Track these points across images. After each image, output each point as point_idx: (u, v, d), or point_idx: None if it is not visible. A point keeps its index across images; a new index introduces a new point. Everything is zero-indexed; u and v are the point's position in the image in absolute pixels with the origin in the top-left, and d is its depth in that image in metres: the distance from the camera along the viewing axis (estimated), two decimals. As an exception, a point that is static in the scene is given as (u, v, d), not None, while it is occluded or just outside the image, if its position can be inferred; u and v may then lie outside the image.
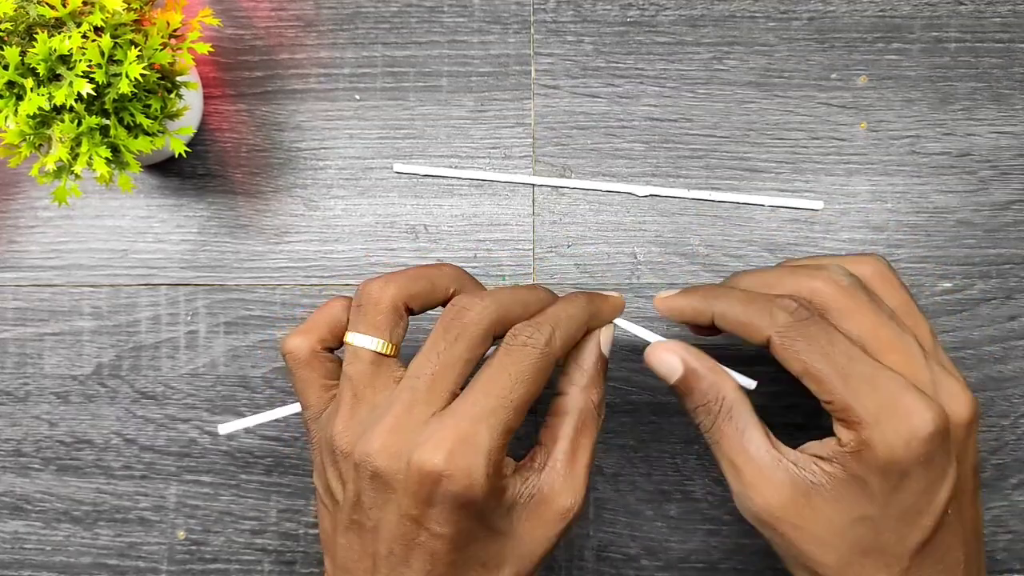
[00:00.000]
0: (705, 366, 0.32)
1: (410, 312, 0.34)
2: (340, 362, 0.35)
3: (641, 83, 0.45)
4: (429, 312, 0.35)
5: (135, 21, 0.37)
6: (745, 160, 0.45)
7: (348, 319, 0.34)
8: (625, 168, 0.45)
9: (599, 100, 0.45)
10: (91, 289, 0.46)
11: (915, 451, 0.29)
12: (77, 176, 0.37)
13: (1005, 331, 0.44)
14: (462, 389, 0.31)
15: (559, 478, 0.32)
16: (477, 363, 0.32)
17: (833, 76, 0.45)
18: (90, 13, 0.35)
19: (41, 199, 0.46)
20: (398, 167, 0.45)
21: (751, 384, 0.33)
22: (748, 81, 0.45)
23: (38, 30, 0.35)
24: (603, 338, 0.34)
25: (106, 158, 0.36)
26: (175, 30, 0.38)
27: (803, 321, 0.30)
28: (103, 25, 0.35)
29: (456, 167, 0.45)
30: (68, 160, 0.36)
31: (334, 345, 0.35)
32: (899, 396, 0.29)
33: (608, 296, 0.35)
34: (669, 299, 0.34)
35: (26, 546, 0.46)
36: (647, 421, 0.44)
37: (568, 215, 0.45)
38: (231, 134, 0.46)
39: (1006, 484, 0.44)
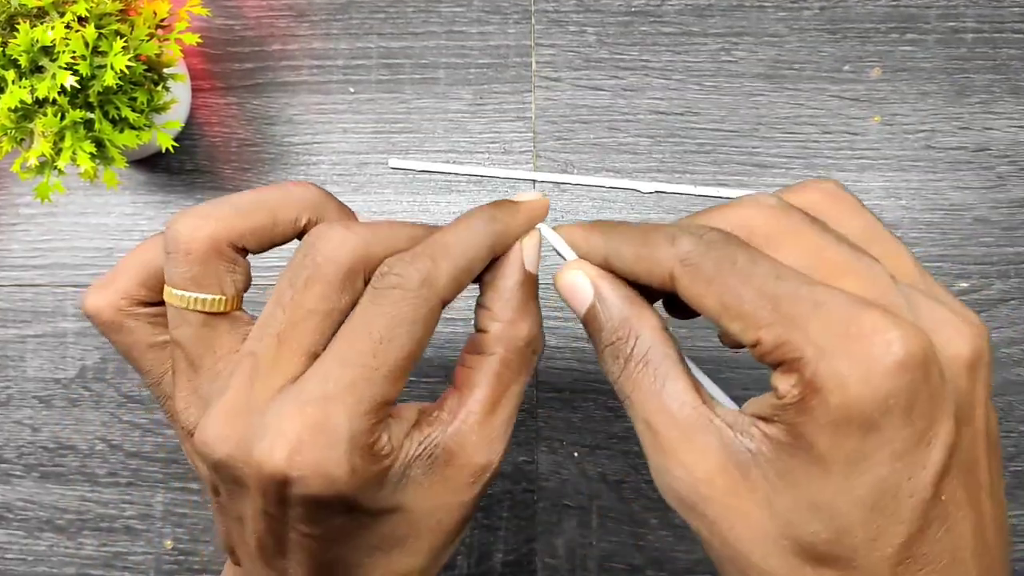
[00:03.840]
0: (619, 294, 0.26)
1: (246, 252, 0.28)
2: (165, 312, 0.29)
3: (646, 75, 0.45)
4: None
5: (121, 11, 0.37)
6: (754, 155, 0.45)
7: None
8: (629, 163, 0.45)
9: (602, 93, 0.45)
10: (75, 289, 0.46)
11: (878, 389, 0.20)
12: (60, 172, 0.37)
13: (1024, 333, 0.44)
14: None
15: (472, 433, 0.26)
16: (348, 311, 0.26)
17: (845, 68, 0.45)
18: (74, 2, 0.35)
19: (23, 196, 0.46)
20: (394, 162, 0.45)
21: (729, 404, 0.26)
22: (757, 73, 0.45)
23: (20, 20, 0.35)
24: (527, 251, 0.28)
25: (90, 153, 0.36)
26: (162, 20, 0.38)
27: (713, 244, 0.23)
28: (87, 15, 0.35)
29: (454, 162, 0.45)
30: (51, 155, 0.36)
31: (153, 299, 0.29)
32: (854, 314, 0.21)
33: (521, 200, 0.28)
34: (562, 228, 0.28)
35: (7, 556, 0.46)
36: (652, 426, 0.44)
37: (570, 212, 0.45)
38: (220, 128, 0.46)
39: (1025, 492, 0.44)
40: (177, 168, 0.46)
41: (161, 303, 0.29)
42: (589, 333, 0.27)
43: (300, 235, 0.28)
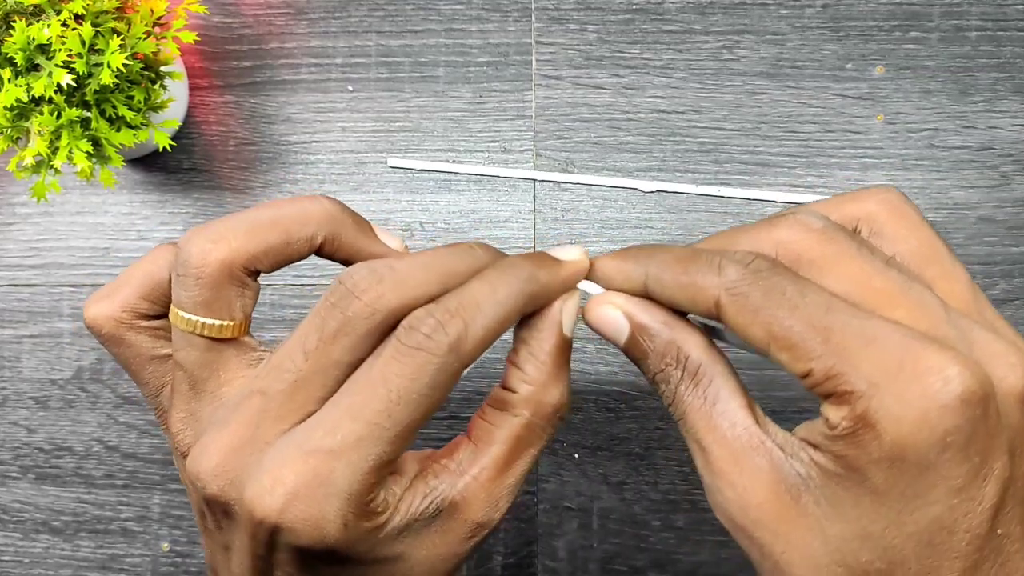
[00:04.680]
0: (658, 320, 0.25)
1: (258, 273, 0.27)
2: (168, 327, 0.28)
3: (647, 73, 0.45)
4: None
5: (117, 8, 0.37)
6: (756, 154, 0.45)
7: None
8: (630, 162, 0.45)
9: (603, 91, 0.45)
10: (71, 289, 0.46)
11: (936, 427, 0.20)
12: (57, 171, 0.37)
13: (1028, 333, 0.44)
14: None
15: (481, 490, 0.26)
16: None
17: (848, 66, 0.45)
18: (70, 0, 0.35)
19: (19, 195, 0.46)
20: (393, 161, 0.45)
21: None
22: (759, 71, 0.45)
23: (16, 18, 0.35)
24: (565, 315, 0.27)
25: (87, 152, 0.36)
26: (159, 18, 0.38)
27: (760, 272, 0.23)
28: (84, 12, 0.35)
29: (453, 161, 0.45)
30: (47, 154, 0.36)
31: (155, 312, 0.28)
32: (908, 348, 0.21)
33: (564, 260, 0.27)
34: (596, 261, 0.27)
35: (3, 558, 0.46)
36: (654, 427, 0.44)
37: (571, 211, 0.45)
38: (218, 127, 0.46)
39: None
40: (174, 167, 0.46)
41: (162, 316, 0.28)
42: (633, 361, 0.27)
43: (317, 251, 0.28)
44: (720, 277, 0.23)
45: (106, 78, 0.35)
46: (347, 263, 0.28)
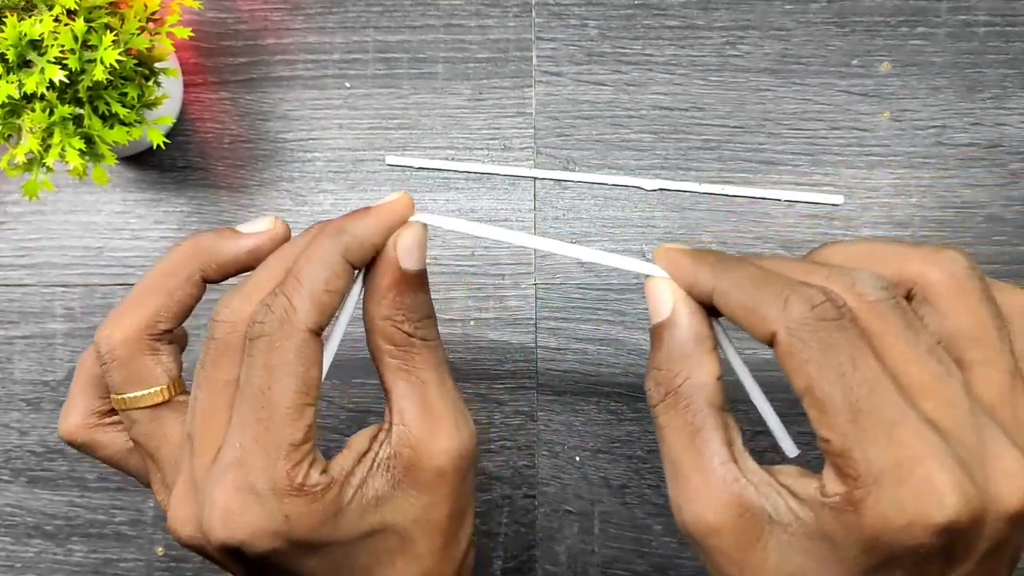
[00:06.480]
0: (692, 331, 0.26)
1: (168, 332, 0.30)
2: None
3: (649, 70, 0.45)
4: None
5: (111, 3, 0.37)
6: (760, 152, 0.45)
7: None
8: (632, 160, 0.45)
9: (605, 88, 0.45)
10: (64, 289, 0.46)
11: (914, 539, 0.22)
12: (49, 169, 0.37)
13: (1037, 334, 0.44)
14: None
15: (412, 429, 0.27)
16: None
17: (854, 62, 0.45)
18: (63, -5, 0.35)
19: (10, 193, 0.46)
20: (391, 159, 0.45)
21: (792, 452, 0.28)
22: (763, 68, 0.45)
23: (7, 13, 0.35)
24: (400, 245, 0.28)
25: (80, 150, 0.36)
26: (153, 13, 0.38)
27: (825, 322, 0.24)
28: (76, 8, 0.35)
29: (453, 159, 0.45)
30: (39, 152, 0.36)
31: (111, 406, 0.31)
32: (920, 461, 0.22)
33: (370, 208, 0.29)
34: (673, 251, 0.28)
35: (-5, 563, 0.46)
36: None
37: (572, 210, 0.45)
38: (213, 124, 0.46)
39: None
40: (169, 165, 0.46)
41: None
42: (651, 342, 0.28)
43: (210, 282, 0.30)
44: (784, 311, 0.24)
45: (99, 74, 0.35)
46: (249, 269, 0.30)
